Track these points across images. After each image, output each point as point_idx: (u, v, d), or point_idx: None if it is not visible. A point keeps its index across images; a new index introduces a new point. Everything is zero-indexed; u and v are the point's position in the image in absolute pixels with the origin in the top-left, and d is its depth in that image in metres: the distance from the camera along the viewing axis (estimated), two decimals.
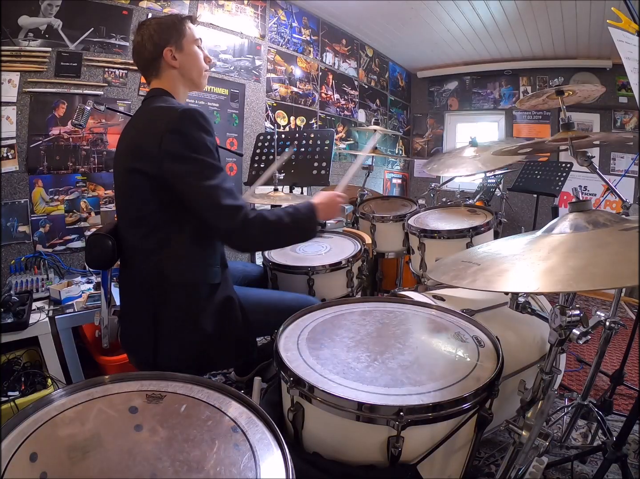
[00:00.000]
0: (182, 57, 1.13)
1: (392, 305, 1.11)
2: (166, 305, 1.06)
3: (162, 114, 1.04)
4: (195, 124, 1.01)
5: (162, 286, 1.06)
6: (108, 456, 0.52)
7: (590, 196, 3.95)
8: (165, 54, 1.11)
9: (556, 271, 0.61)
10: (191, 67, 1.16)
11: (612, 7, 1.36)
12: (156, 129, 1.00)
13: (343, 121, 4.15)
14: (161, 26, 1.12)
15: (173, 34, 1.12)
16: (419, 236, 1.76)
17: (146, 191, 1.03)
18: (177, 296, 1.06)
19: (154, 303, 1.06)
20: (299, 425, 0.78)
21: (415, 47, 4.33)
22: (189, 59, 1.15)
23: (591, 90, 1.32)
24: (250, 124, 3.23)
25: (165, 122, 0.99)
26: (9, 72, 1.97)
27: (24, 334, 1.56)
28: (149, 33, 1.11)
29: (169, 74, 1.14)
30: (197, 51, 1.17)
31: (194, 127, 1.01)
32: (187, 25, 1.16)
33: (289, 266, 1.50)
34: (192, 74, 1.17)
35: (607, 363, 2.12)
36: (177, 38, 1.12)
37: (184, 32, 1.14)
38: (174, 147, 0.98)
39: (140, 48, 1.13)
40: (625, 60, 1.25)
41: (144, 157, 1.01)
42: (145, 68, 1.15)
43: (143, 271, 1.08)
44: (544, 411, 0.75)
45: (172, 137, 0.98)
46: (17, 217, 2.05)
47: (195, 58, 1.16)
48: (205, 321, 1.07)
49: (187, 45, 1.14)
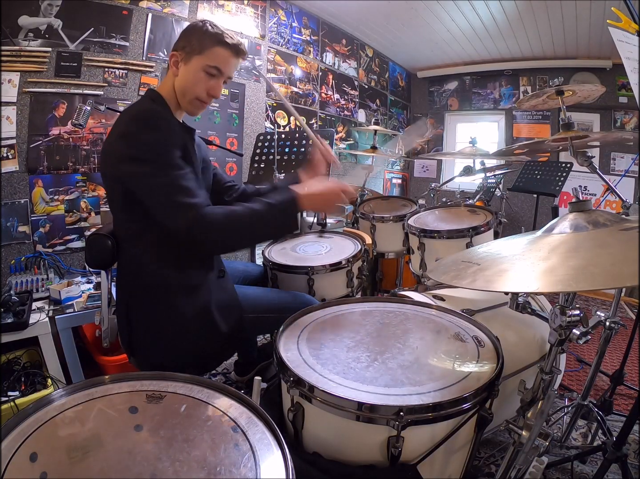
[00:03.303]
0: (183, 70, 1.07)
1: (392, 305, 1.11)
2: (139, 304, 1.10)
3: (120, 119, 1.07)
4: (144, 125, 0.99)
5: (136, 284, 1.10)
6: (108, 456, 0.52)
7: (590, 196, 3.95)
8: (171, 55, 1.08)
9: (556, 271, 0.61)
10: (184, 86, 1.08)
11: (612, 7, 1.36)
12: (113, 135, 1.03)
13: (343, 120, 4.15)
14: (195, 32, 1.06)
15: (194, 43, 1.05)
16: (419, 236, 1.76)
17: (116, 194, 1.06)
18: (149, 296, 1.09)
19: (128, 303, 1.11)
20: (299, 425, 0.78)
21: (415, 47, 4.32)
22: (186, 77, 1.07)
23: (591, 90, 1.32)
24: (250, 124, 3.23)
25: (118, 128, 1.02)
26: (9, 72, 1.97)
27: (24, 334, 1.56)
28: (186, 30, 1.09)
29: (170, 78, 1.11)
30: (200, 76, 1.06)
31: (142, 128, 0.99)
32: (217, 49, 1.05)
33: (289, 266, 1.50)
34: (180, 92, 1.09)
35: (607, 363, 2.11)
36: (192, 50, 1.05)
37: (202, 50, 1.05)
38: (123, 150, 0.99)
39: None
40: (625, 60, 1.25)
41: (108, 163, 1.05)
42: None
43: (122, 269, 1.14)
44: (544, 411, 0.75)
45: (121, 142, 1.00)
46: (17, 217, 2.05)
47: (194, 81, 1.06)
48: (177, 321, 1.08)
49: (196, 63, 1.05)
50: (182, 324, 1.08)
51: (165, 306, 1.08)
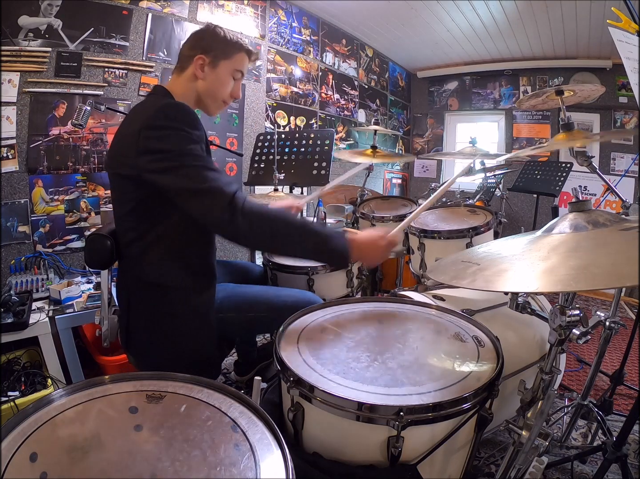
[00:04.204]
0: (210, 73, 1.09)
1: (392, 305, 1.11)
2: (140, 305, 1.10)
3: (141, 112, 1.04)
4: (172, 116, 0.97)
5: (137, 284, 1.09)
6: (108, 456, 0.52)
7: (590, 196, 3.95)
8: (197, 59, 1.08)
9: (556, 271, 0.61)
10: (211, 89, 1.10)
11: (612, 7, 1.37)
12: (134, 128, 0.98)
13: (343, 120, 4.15)
14: (216, 36, 1.09)
15: (219, 47, 1.08)
16: (419, 236, 1.76)
17: (126, 192, 1.04)
18: (150, 296, 1.09)
19: (129, 303, 1.10)
20: (299, 425, 0.78)
21: (415, 47, 4.33)
22: (214, 81, 1.10)
23: (591, 90, 1.32)
24: (250, 124, 3.23)
25: (142, 120, 0.98)
26: (9, 72, 1.97)
27: (24, 334, 1.56)
28: (203, 33, 1.10)
29: (189, 80, 1.10)
30: (229, 80, 1.11)
31: (170, 119, 0.97)
32: (241, 54, 1.11)
33: (289, 266, 1.50)
34: (208, 94, 1.11)
35: (607, 363, 2.12)
36: (219, 54, 1.08)
37: (230, 55, 1.09)
38: (150, 143, 0.95)
39: (188, 43, 1.12)
40: (625, 60, 1.25)
41: (124, 160, 1.00)
42: (178, 60, 1.13)
43: (123, 269, 1.14)
44: (544, 411, 0.75)
45: (147, 133, 0.95)
46: (17, 217, 2.05)
47: (223, 84, 1.11)
48: (177, 322, 1.08)
49: (223, 67, 1.09)
50: (182, 325, 1.08)
51: (165, 307, 1.08)
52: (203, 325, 1.10)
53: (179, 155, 0.95)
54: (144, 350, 1.13)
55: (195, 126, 1.00)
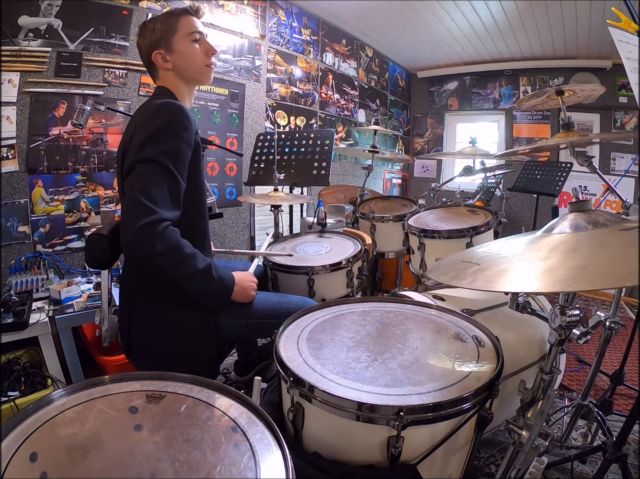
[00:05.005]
0: (174, 58, 1.11)
1: (392, 305, 1.11)
2: (142, 305, 1.10)
3: (142, 111, 1.06)
4: (166, 116, 0.99)
5: (140, 284, 1.10)
6: (108, 456, 0.52)
7: (590, 196, 3.95)
8: (155, 57, 1.11)
9: (556, 271, 0.61)
10: (186, 66, 1.12)
11: (612, 7, 1.37)
12: (132, 127, 1.02)
13: (343, 120, 4.15)
14: (149, 29, 1.11)
15: (161, 35, 1.09)
16: (419, 236, 1.76)
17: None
18: (152, 297, 1.09)
19: (131, 303, 1.11)
20: (299, 425, 0.78)
21: (415, 47, 4.33)
22: (182, 59, 1.11)
23: (591, 90, 1.32)
24: (250, 124, 3.23)
25: (140, 119, 1.02)
26: (9, 72, 1.97)
27: (24, 334, 1.56)
28: (142, 37, 1.12)
29: (166, 75, 1.14)
30: (191, 48, 1.11)
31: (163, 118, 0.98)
32: (180, 20, 1.10)
33: (289, 266, 1.50)
34: (187, 72, 1.13)
35: (607, 363, 2.12)
36: (166, 39, 1.09)
37: (174, 30, 1.10)
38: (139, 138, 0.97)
39: (139, 51, 1.15)
40: (625, 60, 1.25)
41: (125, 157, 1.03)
42: (147, 69, 1.17)
43: (127, 269, 1.15)
44: (544, 411, 0.75)
45: (139, 130, 0.99)
46: (17, 217, 2.05)
47: (190, 56, 1.11)
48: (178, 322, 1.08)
49: (178, 43, 1.10)
50: (182, 326, 1.09)
51: (167, 308, 1.08)
52: (205, 325, 1.11)
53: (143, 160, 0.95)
54: (144, 351, 1.13)
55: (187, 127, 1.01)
